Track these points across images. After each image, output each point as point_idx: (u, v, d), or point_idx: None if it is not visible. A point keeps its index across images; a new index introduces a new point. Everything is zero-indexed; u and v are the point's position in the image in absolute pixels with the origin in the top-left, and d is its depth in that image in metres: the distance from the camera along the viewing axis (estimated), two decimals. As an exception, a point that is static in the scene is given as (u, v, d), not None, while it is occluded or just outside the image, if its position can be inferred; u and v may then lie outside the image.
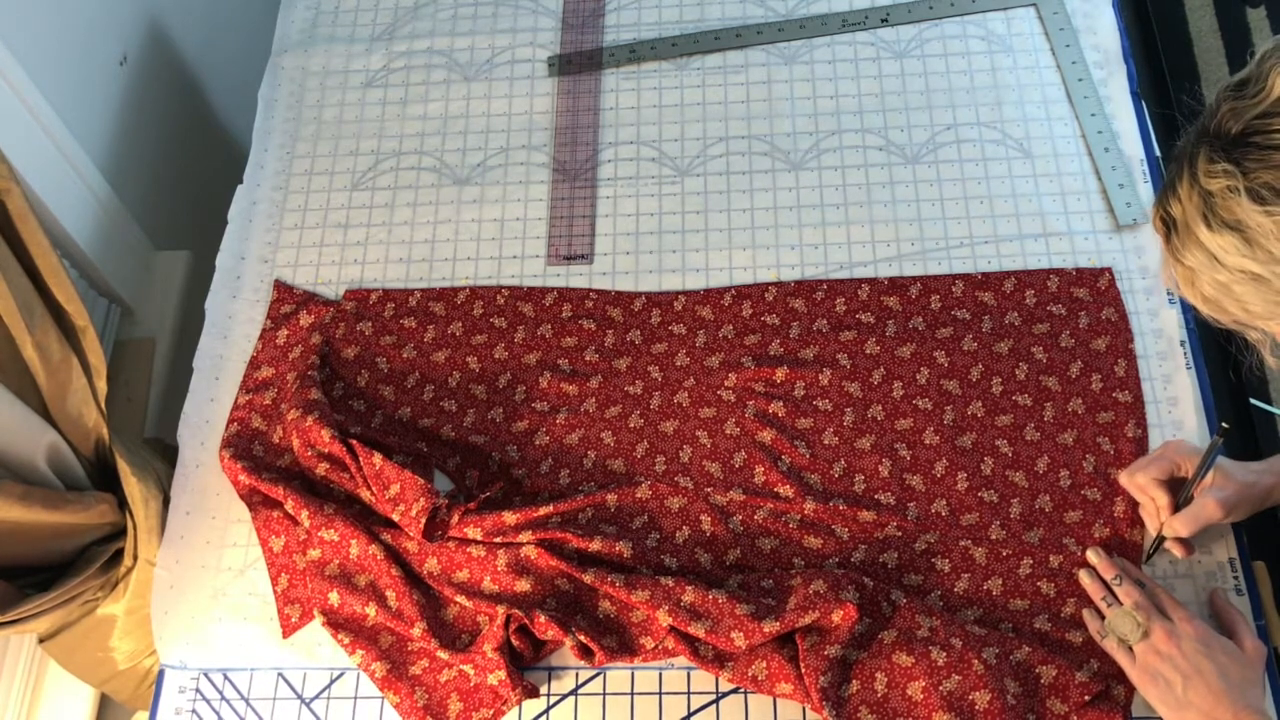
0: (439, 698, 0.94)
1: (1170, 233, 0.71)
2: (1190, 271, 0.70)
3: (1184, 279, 0.72)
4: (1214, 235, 0.66)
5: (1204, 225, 0.67)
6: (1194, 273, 0.70)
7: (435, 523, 0.99)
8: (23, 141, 1.14)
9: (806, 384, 1.05)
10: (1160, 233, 0.72)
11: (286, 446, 1.06)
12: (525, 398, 1.08)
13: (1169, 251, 0.72)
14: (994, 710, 0.85)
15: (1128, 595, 0.89)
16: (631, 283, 1.14)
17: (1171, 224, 0.70)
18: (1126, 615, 0.87)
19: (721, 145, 1.22)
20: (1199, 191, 0.67)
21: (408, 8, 1.37)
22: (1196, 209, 0.67)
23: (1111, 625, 0.88)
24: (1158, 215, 0.72)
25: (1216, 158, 0.65)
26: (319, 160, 1.26)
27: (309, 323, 1.14)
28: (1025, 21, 1.26)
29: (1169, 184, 0.71)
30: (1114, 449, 0.99)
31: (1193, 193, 0.67)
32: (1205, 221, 0.67)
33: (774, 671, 0.90)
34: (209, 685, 0.98)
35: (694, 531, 0.99)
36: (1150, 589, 0.90)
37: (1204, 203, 0.66)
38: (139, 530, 1.02)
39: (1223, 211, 0.65)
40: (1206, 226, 0.66)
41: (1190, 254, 0.69)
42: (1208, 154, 0.66)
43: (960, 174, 1.17)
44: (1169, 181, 0.71)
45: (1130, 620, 0.87)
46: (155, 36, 1.43)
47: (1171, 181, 0.70)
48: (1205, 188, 0.66)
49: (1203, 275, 0.69)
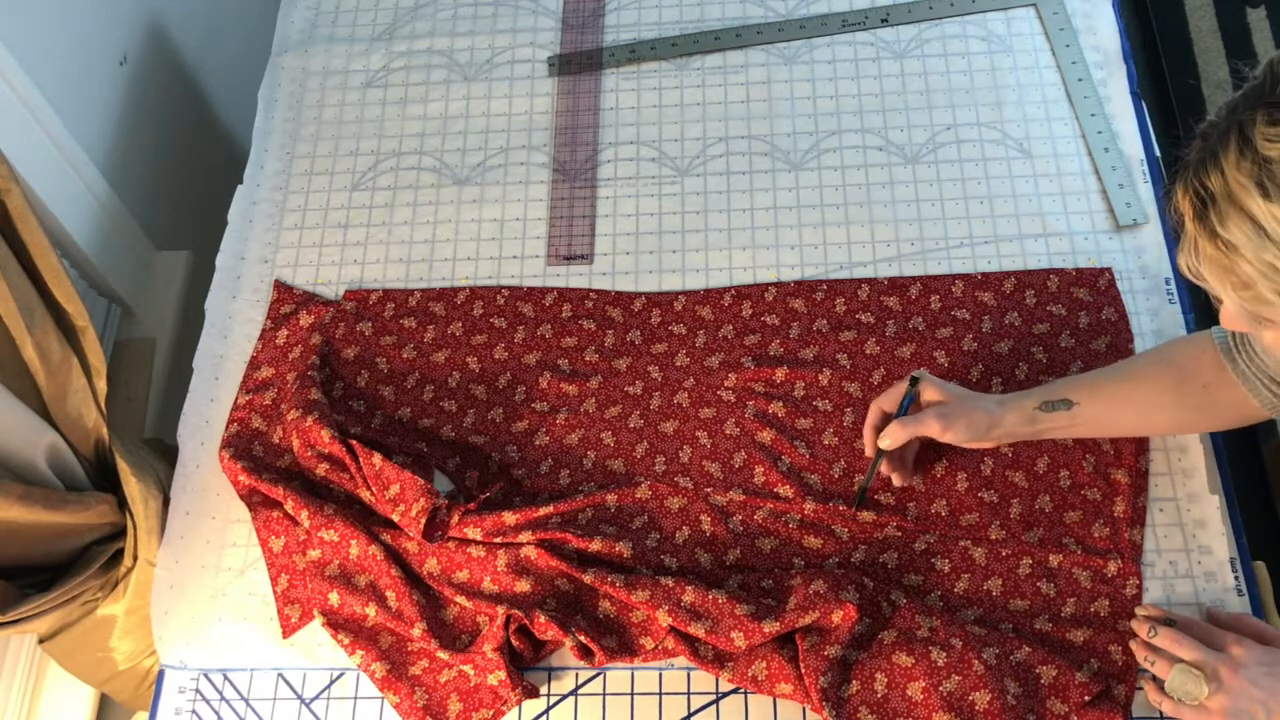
0: (439, 698, 0.94)
1: (1205, 208, 0.65)
2: (1227, 252, 0.65)
3: (1215, 262, 0.66)
4: (1269, 205, 0.62)
5: (1258, 194, 0.62)
6: (1233, 252, 0.64)
7: (435, 523, 0.99)
8: (23, 141, 1.14)
9: (806, 384, 1.05)
10: (1188, 211, 0.67)
11: (286, 447, 1.06)
12: (525, 398, 1.08)
13: (1199, 230, 0.67)
14: (994, 710, 0.85)
15: (1177, 646, 0.84)
16: (631, 283, 1.14)
17: (1208, 199, 0.65)
18: (1186, 673, 0.83)
19: (721, 145, 1.22)
20: (1254, 158, 0.62)
21: (408, 8, 1.37)
22: (1249, 177, 0.62)
23: (1177, 690, 0.83)
24: (1187, 191, 0.67)
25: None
26: (319, 160, 1.26)
27: (309, 323, 1.14)
28: (1025, 21, 1.26)
29: (1203, 157, 0.66)
30: (1114, 449, 0.99)
31: (1244, 161, 0.63)
32: (1261, 190, 0.62)
33: (774, 672, 0.90)
34: (209, 685, 0.98)
35: (694, 531, 0.99)
36: (1184, 623, 0.87)
37: (1260, 170, 0.62)
38: (139, 530, 1.02)
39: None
40: (1262, 195, 0.62)
41: (1234, 228, 0.64)
42: (1269, 117, 0.62)
43: (960, 174, 1.17)
44: (1203, 155, 0.66)
45: (1192, 676, 0.82)
46: (155, 36, 1.43)
47: (1210, 153, 0.65)
48: (1263, 153, 0.62)
49: (1246, 252, 0.64)
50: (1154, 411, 0.91)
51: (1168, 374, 0.90)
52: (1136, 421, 0.94)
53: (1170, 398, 0.90)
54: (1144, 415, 0.92)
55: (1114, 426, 0.95)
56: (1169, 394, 0.90)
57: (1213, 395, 0.88)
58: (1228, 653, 0.83)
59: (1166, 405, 0.90)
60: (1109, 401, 0.91)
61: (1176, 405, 0.90)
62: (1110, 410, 0.91)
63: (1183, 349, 0.90)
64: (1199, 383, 0.88)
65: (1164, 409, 0.91)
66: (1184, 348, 0.90)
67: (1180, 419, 0.92)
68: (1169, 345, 0.92)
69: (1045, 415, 0.91)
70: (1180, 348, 0.91)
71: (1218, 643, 0.84)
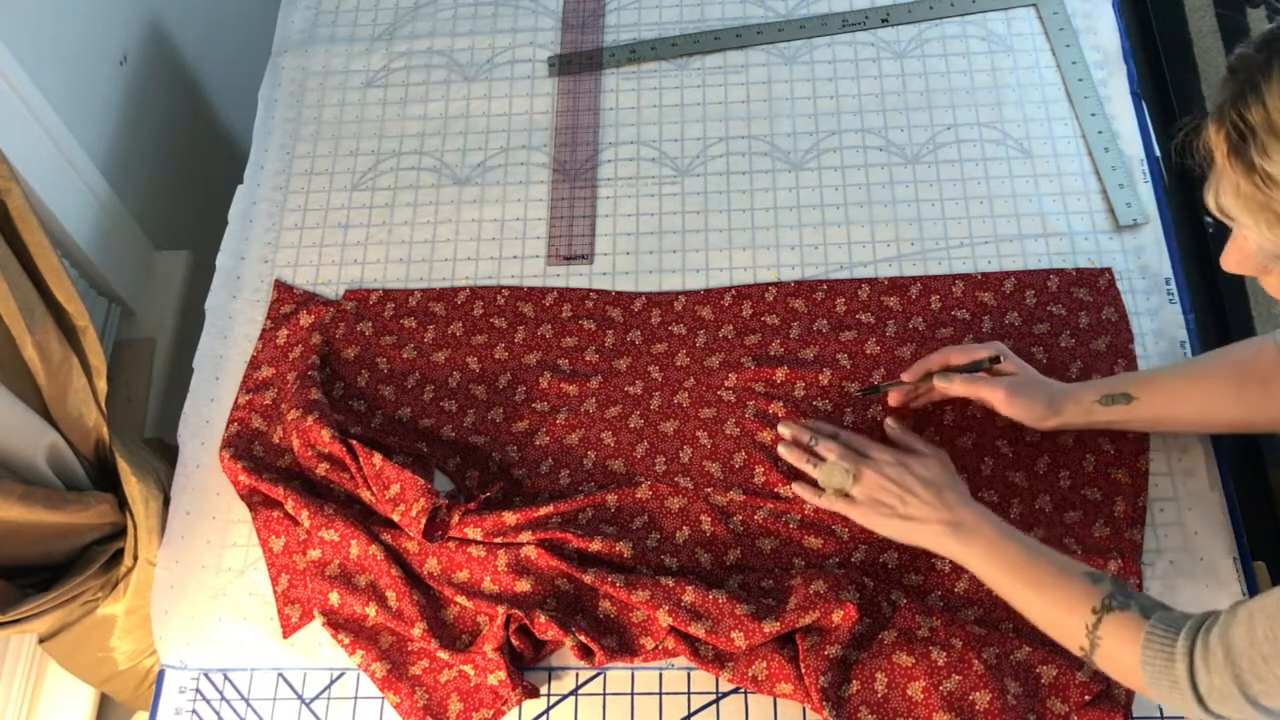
0: (439, 698, 0.94)
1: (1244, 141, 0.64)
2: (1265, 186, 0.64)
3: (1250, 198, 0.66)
4: None
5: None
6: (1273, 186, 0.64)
7: (435, 523, 0.99)
8: (23, 141, 1.14)
9: (807, 384, 1.05)
10: (1224, 146, 0.66)
11: (286, 446, 1.06)
12: (525, 398, 1.08)
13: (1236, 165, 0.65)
14: (994, 710, 0.85)
15: (829, 450, 0.95)
16: (631, 283, 1.14)
17: (1246, 131, 0.64)
18: (834, 467, 0.94)
19: (721, 145, 1.22)
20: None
21: (408, 8, 1.37)
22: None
23: (825, 482, 0.94)
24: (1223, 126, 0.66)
25: None
26: (319, 160, 1.26)
27: (309, 323, 1.14)
28: (1025, 21, 1.26)
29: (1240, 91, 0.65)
30: (1114, 449, 0.99)
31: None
32: None
33: (774, 671, 0.90)
34: (209, 685, 0.98)
35: (694, 531, 0.99)
36: (844, 438, 0.97)
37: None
38: (139, 530, 1.02)
39: None
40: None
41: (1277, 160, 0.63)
42: None
43: (960, 174, 1.17)
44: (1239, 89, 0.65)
45: (838, 470, 0.94)
46: (155, 36, 1.43)
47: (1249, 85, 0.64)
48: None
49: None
50: (1213, 409, 0.91)
51: (1228, 372, 0.90)
52: (1195, 418, 0.94)
53: (1230, 396, 0.90)
54: (1203, 413, 0.92)
55: (1171, 423, 0.95)
56: (1229, 392, 0.90)
57: (1273, 394, 0.88)
58: (869, 454, 0.94)
59: (1226, 403, 0.90)
60: (1169, 398, 0.91)
61: (1236, 403, 0.90)
62: (1169, 406, 0.92)
63: (1243, 348, 0.90)
64: (1259, 381, 0.88)
65: (1223, 407, 0.91)
66: (1245, 347, 0.90)
67: (1239, 417, 0.92)
68: (1232, 345, 0.93)
69: (1104, 409, 0.92)
70: (1241, 347, 0.91)
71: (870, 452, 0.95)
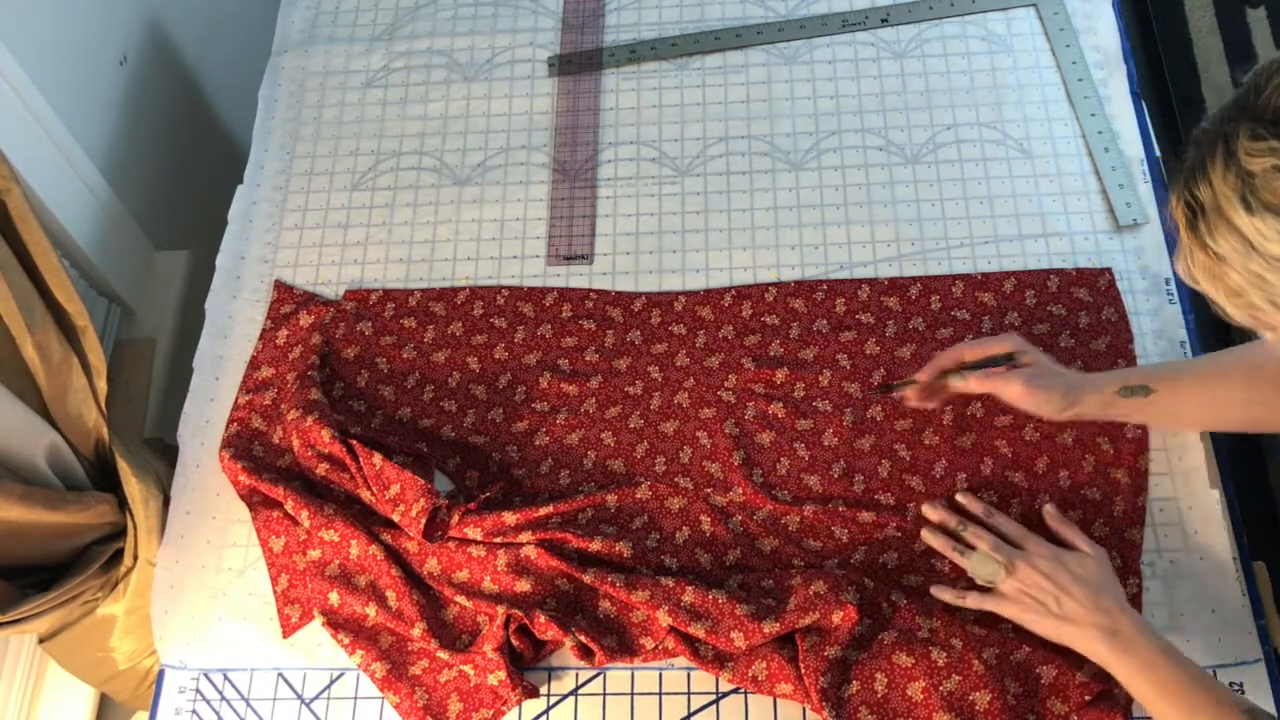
0: (439, 698, 0.94)
1: (1195, 218, 0.66)
2: (1217, 261, 0.66)
3: (1207, 270, 0.67)
4: (1252, 219, 0.62)
5: (1242, 208, 0.62)
6: (1223, 262, 0.65)
7: (435, 523, 0.99)
8: (23, 141, 1.14)
9: (806, 385, 1.05)
10: (1182, 219, 0.68)
11: (286, 446, 1.06)
12: (525, 398, 1.08)
13: (1191, 239, 0.67)
14: (994, 710, 0.85)
15: (979, 539, 0.91)
16: (631, 283, 1.14)
17: (1198, 209, 0.66)
18: (986, 559, 0.89)
19: (721, 145, 1.22)
20: (1237, 172, 0.62)
21: (408, 8, 1.37)
22: (1233, 190, 0.63)
23: (974, 572, 0.90)
24: (1180, 200, 0.68)
25: (1262, 134, 0.61)
26: (319, 160, 1.26)
27: (309, 323, 1.14)
28: (1025, 21, 1.26)
29: (1194, 166, 0.66)
30: (1114, 449, 0.99)
31: (1229, 174, 0.63)
32: (1244, 204, 0.62)
33: (774, 672, 0.90)
34: (209, 685, 0.98)
35: (694, 532, 0.99)
36: (997, 521, 0.93)
37: (1243, 184, 0.62)
38: (139, 530, 1.02)
39: (1265, 193, 0.61)
40: (1245, 209, 0.62)
41: (1222, 240, 0.64)
42: (1251, 131, 0.62)
43: (960, 174, 1.17)
44: (1194, 163, 0.66)
45: (990, 562, 0.89)
46: (155, 36, 1.43)
47: (1200, 163, 0.65)
48: (1246, 168, 0.62)
49: (1234, 263, 0.64)
50: (1226, 407, 0.92)
51: (1241, 371, 0.90)
52: (1208, 415, 0.94)
53: (1242, 394, 0.90)
54: (1216, 410, 0.93)
55: (1186, 418, 0.96)
56: (1241, 390, 0.90)
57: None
58: (1024, 548, 0.90)
59: (1238, 401, 0.90)
60: (1185, 393, 0.92)
61: (1248, 402, 0.90)
62: (1185, 401, 0.92)
63: (1256, 347, 0.91)
64: (1270, 381, 0.88)
65: (1236, 405, 0.91)
66: (1258, 346, 0.90)
67: (1251, 416, 0.92)
68: (1245, 345, 0.93)
69: (1123, 400, 0.92)
70: (1255, 346, 0.91)
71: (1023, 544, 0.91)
